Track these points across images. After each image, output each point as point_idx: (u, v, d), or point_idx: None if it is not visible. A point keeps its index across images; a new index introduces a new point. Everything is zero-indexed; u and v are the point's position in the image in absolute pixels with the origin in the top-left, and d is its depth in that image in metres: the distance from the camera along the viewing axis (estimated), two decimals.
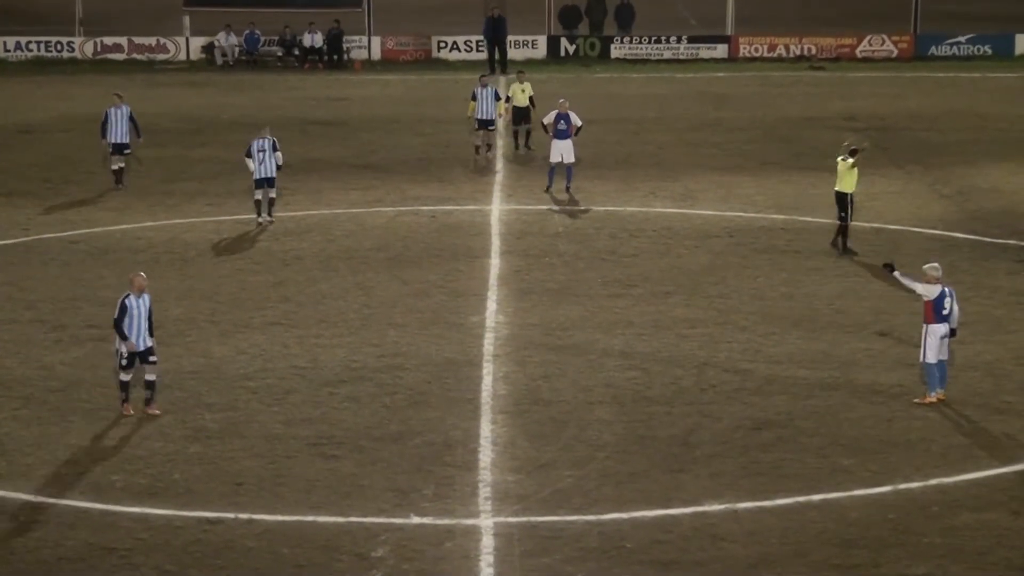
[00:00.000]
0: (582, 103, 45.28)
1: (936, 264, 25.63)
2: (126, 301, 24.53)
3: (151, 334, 24.79)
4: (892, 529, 20.70)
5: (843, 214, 34.65)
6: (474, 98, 44.65)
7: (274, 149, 37.80)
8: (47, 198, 41.09)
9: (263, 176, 37.72)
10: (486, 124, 44.88)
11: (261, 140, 37.97)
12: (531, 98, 45.80)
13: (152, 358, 24.77)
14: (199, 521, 20.99)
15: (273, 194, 38.25)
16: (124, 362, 24.59)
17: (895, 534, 20.56)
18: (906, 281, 25.58)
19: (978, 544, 20.28)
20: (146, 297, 24.65)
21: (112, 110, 41.70)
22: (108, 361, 27.49)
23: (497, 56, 65.96)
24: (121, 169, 41.99)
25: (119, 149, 41.90)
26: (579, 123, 41.34)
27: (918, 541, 20.36)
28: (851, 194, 34.52)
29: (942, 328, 24.95)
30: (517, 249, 35.39)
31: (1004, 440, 23.85)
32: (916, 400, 25.22)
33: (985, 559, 19.90)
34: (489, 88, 45.03)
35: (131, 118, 41.80)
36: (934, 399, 25.14)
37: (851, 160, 34.46)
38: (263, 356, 27.80)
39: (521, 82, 46.29)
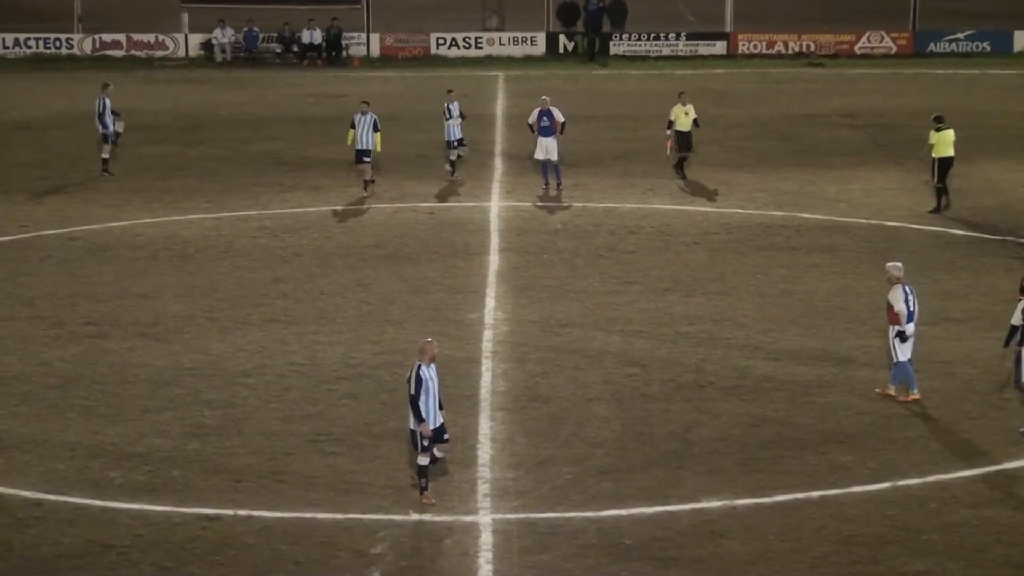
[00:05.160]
0: (581, 100, 45.25)
1: (899, 264, 25.63)
2: (421, 372, 21.13)
3: (441, 407, 21.65)
4: (890, 526, 20.72)
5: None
6: (353, 126, 40.22)
7: (461, 116, 42.30)
8: (45, 195, 41.09)
9: (454, 137, 42.25)
10: (361, 155, 40.25)
11: (451, 104, 42.21)
12: (695, 121, 42.12)
13: (446, 436, 21.63)
14: (198, 518, 21.00)
15: (463, 152, 42.88)
16: (425, 443, 21.32)
17: (893, 531, 20.57)
18: (897, 311, 25.39)
19: (976, 541, 20.30)
20: (434, 367, 21.51)
21: (107, 100, 42.77)
22: (106, 358, 27.55)
23: (596, 47, 67.05)
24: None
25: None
26: (562, 119, 40.98)
27: (916, 538, 20.38)
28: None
29: (908, 328, 25.01)
30: (516, 246, 35.39)
31: (1002, 436, 23.84)
32: (900, 398, 25.30)
33: (983, 556, 19.92)
34: (369, 116, 40.12)
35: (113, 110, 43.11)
36: (917, 396, 25.18)
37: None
38: (261, 353, 27.81)
39: (684, 104, 42.04)
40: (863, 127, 50.50)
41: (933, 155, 38.12)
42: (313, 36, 67.65)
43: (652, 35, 69.20)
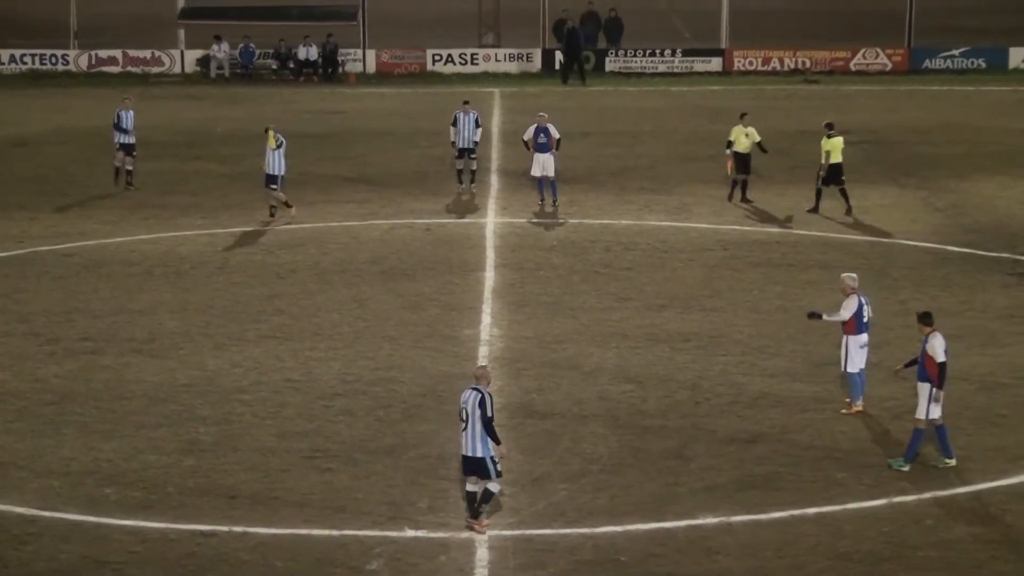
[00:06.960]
0: (576, 116, 45.26)
1: (853, 274, 25.85)
2: (488, 394, 20.79)
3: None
4: (887, 542, 20.71)
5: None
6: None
7: (476, 124, 42.04)
8: (41, 211, 41.05)
9: (464, 147, 42.01)
10: (270, 181, 39.04)
11: (466, 115, 41.86)
12: (759, 144, 40.87)
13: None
14: (193, 534, 20.97)
15: (474, 166, 42.43)
16: (499, 468, 20.90)
17: (890, 547, 20.56)
18: (833, 317, 25.64)
19: (973, 557, 20.29)
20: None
21: (130, 112, 43.17)
22: (102, 374, 27.51)
23: (575, 67, 66.43)
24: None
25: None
26: (557, 136, 41.04)
27: (913, 554, 20.37)
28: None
29: (863, 337, 25.20)
30: (512, 262, 35.40)
31: (998, 453, 23.84)
32: (843, 411, 25.38)
33: (979, 572, 19.91)
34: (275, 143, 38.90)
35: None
36: (860, 408, 25.25)
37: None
38: (257, 369, 27.79)
39: (744, 125, 40.76)
40: (858, 143, 50.39)
41: (822, 160, 39.89)
42: (309, 52, 67.71)
43: (648, 51, 69.29)
